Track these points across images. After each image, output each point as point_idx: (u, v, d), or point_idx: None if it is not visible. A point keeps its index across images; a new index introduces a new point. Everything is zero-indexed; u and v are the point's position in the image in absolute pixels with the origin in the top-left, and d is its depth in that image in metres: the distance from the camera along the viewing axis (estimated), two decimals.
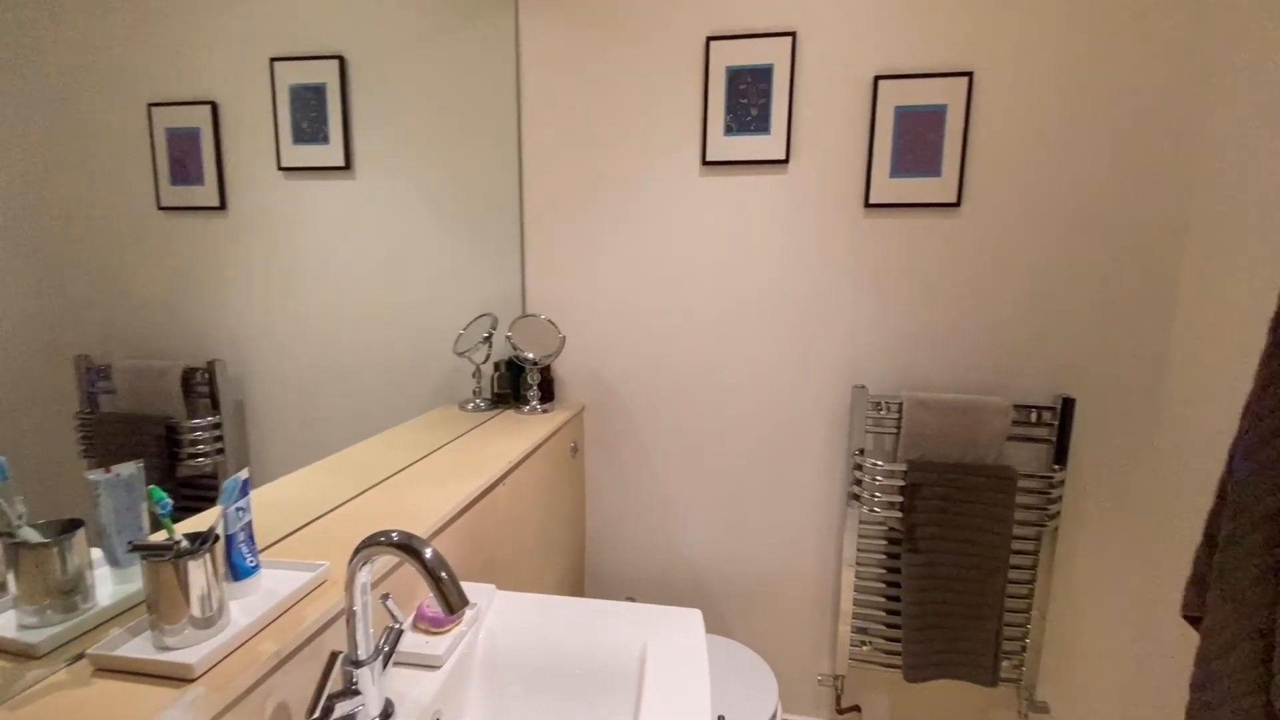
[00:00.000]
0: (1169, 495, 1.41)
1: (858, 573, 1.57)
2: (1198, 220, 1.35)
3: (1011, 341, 1.48)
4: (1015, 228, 1.44)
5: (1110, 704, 1.56)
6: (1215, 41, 1.30)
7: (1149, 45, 1.33)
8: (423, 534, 0.91)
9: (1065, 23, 1.35)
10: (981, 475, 1.41)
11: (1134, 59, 1.34)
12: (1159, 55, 1.33)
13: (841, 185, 1.49)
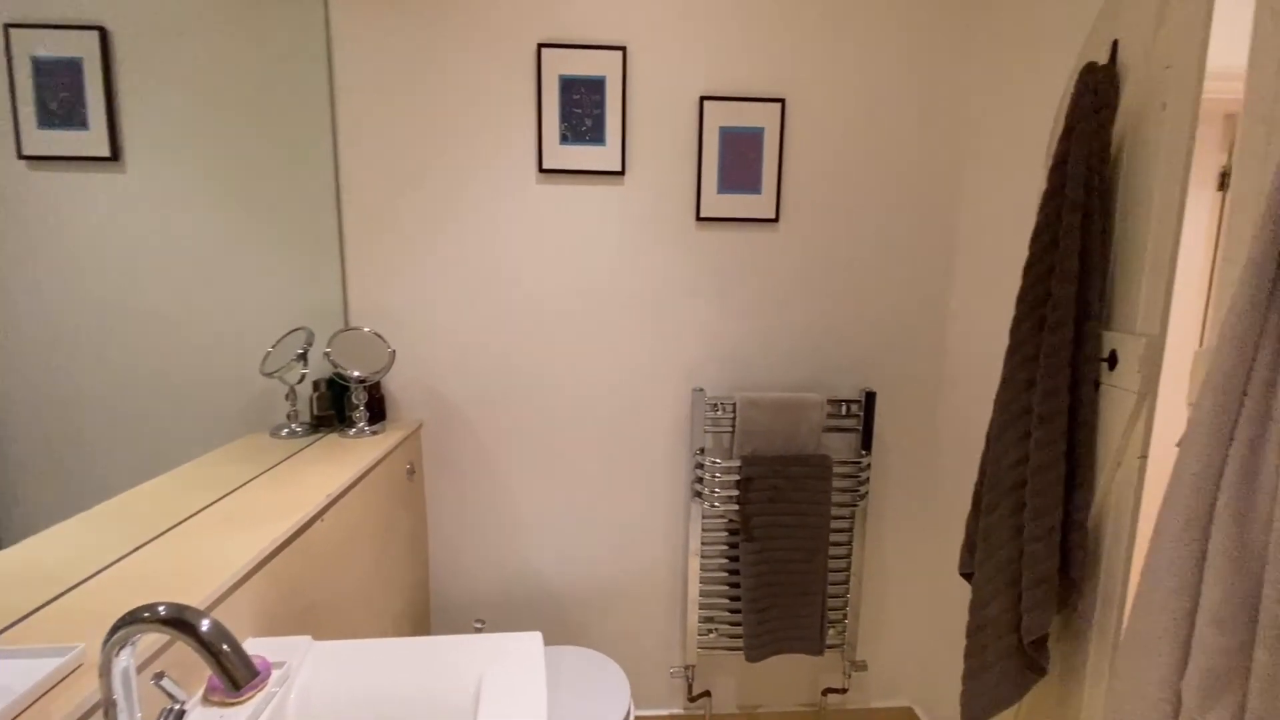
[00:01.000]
0: (950, 472, 1.66)
1: (703, 565, 1.66)
2: (961, 242, 1.60)
3: (824, 342, 1.64)
4: (824, 241, 1.60)
5: (914, 653, 1.81)
6: (971, 87, 1.55)
7: (924, 88, 1.55)
8: (215, 593, 0.79)
9: (860, 62, 1.53)
10: (804, 465, 1.55)
11: (914, 97, 1.55)
12: (933, 95, 1.55)
13: (675, 198, 1.55)
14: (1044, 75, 1.30)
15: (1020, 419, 1.14)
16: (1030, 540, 1.10)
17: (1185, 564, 0.83)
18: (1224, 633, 0.78)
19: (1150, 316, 1.00)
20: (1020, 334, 1.15)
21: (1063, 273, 1.06)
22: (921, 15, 1.52)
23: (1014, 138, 1.41)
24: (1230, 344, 0.80)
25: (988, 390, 1.48)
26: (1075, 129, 1.08)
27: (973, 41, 1.54)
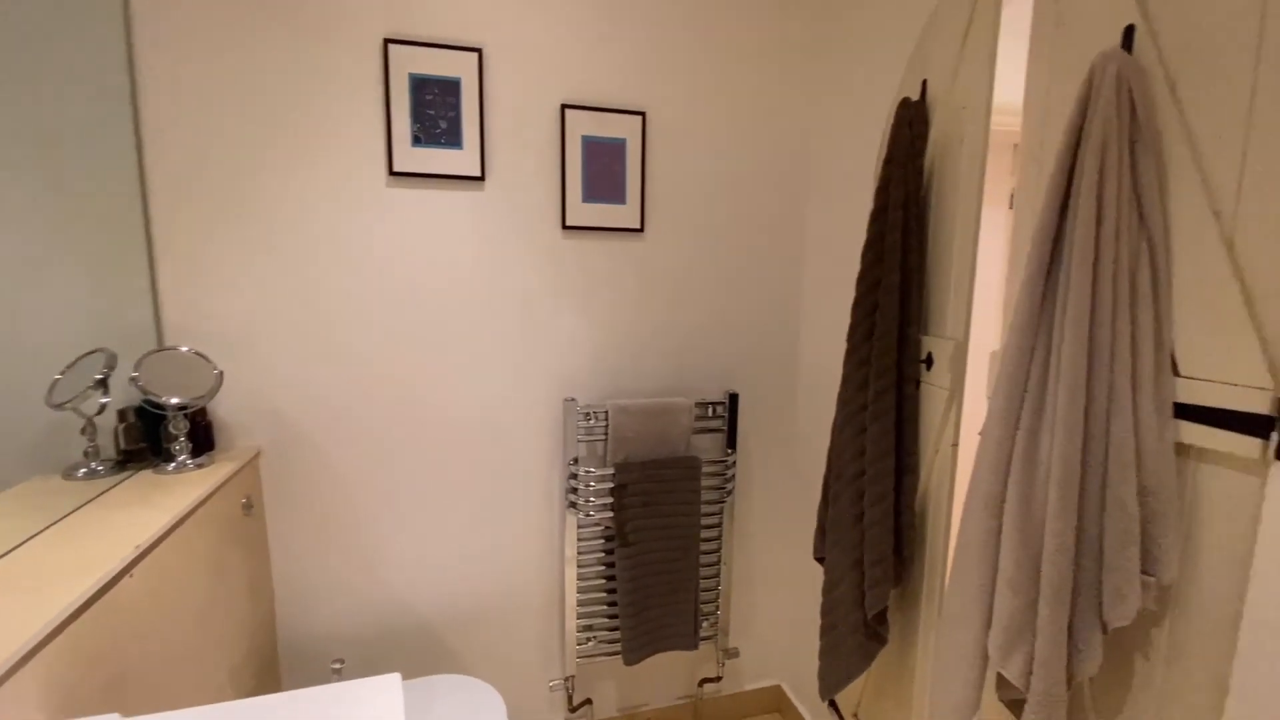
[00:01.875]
0: (805, 465, 1.80)
1: (580, 574, 1.65)
2: (809, 253, 1.74)
3: (692, 348, 1.71)
4: (687, 249, 1.66)
5: (781, 636, 1.94)
6: (816, 109, 1.69)
7: (775, 108, 1.66)
8: None
9: (716, 82, 1.61)
10: (675, 467, 1.60)
11: (766, 116, 1.66)
12: (783, 115, 1.67)
13: (539, 206, 1.53)
14: (877, 103, 1.45)
15: (858, 415, 1.26)
16: (870, 524, 1.22)
17: (986, 538, 0.96)
18: (1016, 594, 0.91)
19: (956, 323, 1.15)
20: (855, 339, 1.27)
21: (887, 285, 1.19)
22: (772, 42, 1.63)
23: (851, 159, 1.55)
24: (1014, 347, 0.94)
25: (835, 390, 1.62)
26: (895, 156, 1.21)
27: (818, 71, 1.68)
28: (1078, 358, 0.86)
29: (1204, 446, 0.82)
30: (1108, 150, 0.84)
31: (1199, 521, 0.84)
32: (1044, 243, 0.91)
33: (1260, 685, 0.77)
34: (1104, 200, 0.85)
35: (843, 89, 1.58)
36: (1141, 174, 0.85)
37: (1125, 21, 0.90)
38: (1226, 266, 0.80)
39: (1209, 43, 0.82)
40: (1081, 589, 0.87)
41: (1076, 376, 0.86)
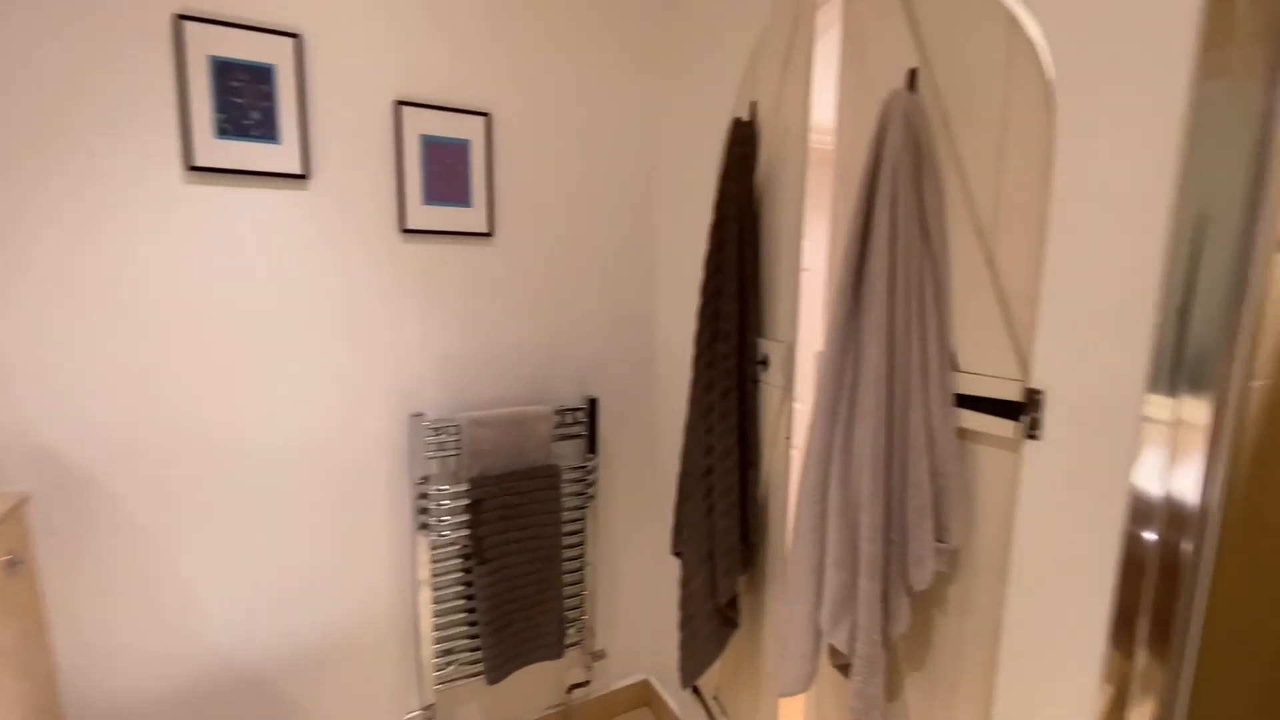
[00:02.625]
0: (664, 465, 1.86)
1: (435, 597, 1.57)
2: (661, 258, 1.80)
3: (548, 354, 1.69)
4: (540, 254, 1.64)
5: (646, 632, 1.99)
6: (663, 116, 1.75)
7: (623, 112, 1.69)
8: None
9: (564, 84, 1.60)
10: (534, 477, 1.58)
11: (614, 121, 1.68)
12: (631, 121, 1.71)
13: (374, 208, 1.43)
14: (718, 118, 1.52)
15: (706, 415, 1.33)
16: (719, 517, 1.30)
17: (815, 521, 1.06)
18: (841, 570, 1.01)
19: (787, 327, 1.26)
20: (701, 343, 1.34)
21: (727, 293, 1.27)
22: (620, 52, 1.66)
23: (698, 169, 1.63)
24: (830, 350, 1.04)
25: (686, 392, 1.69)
26: (730, 172, 1.29)
27: (665, 82, 1.74)
28: (880, 359, 0.97)
29: (977, 430, 0.97)
30: (898, 178, 0.97)
31: (976, 493, 0.99)
32: (851, 257, 1.02)
33: (1024, 626, 0.94)
34: (896, 222, 0.97)
35: (688, 102, 1.65)
36: (926, 198, 0.99)
37: (910, 64, 1.03)
38: (988, 278, 0.95)
39: (971, 86, 0.97)
40: (892, 560, 1.00)
41: (879, 375, 0.97)
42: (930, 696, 1.07)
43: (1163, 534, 0.79)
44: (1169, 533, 0.79)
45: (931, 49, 1.01)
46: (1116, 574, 0.83)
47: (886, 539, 0.99)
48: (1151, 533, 0.80)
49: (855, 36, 1.12)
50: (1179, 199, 0.75)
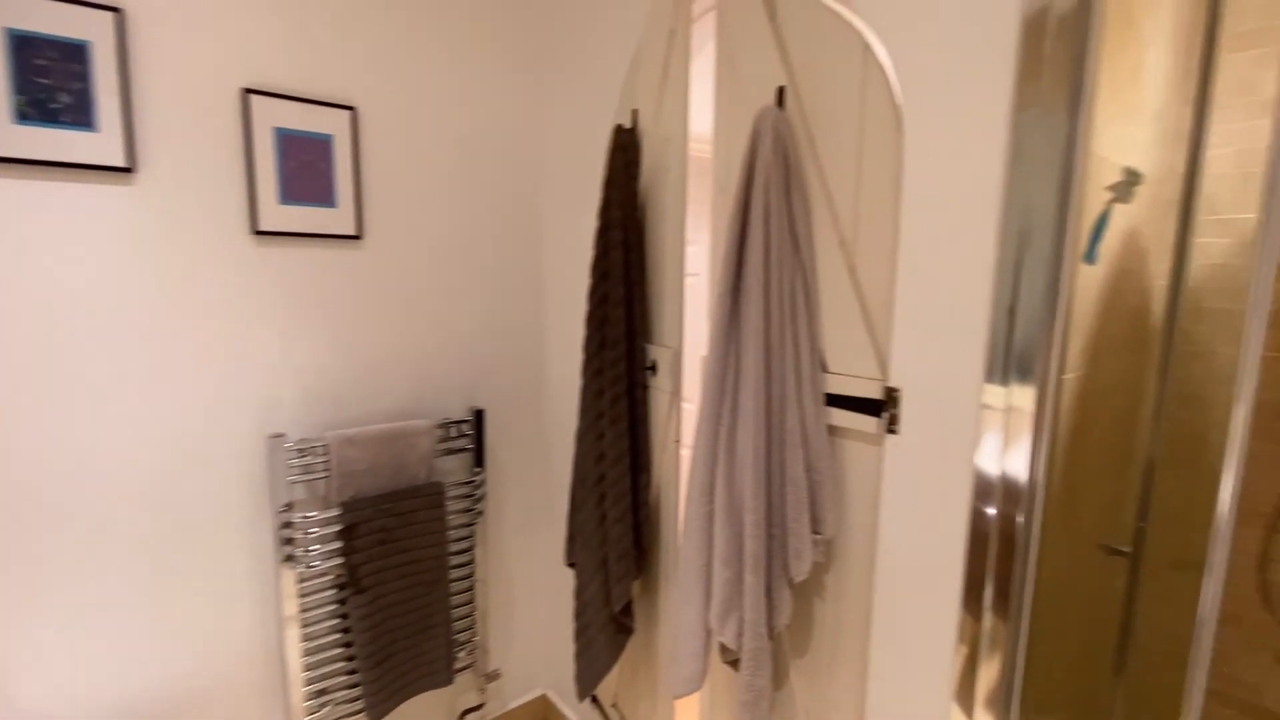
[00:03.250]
0: (557, 475, 1.83)
1: (306, 635, 1.43)
2: (548, 264, 1.77)
3: (429, 365, 1.60)
4: (416, 259, 1.55)
5: (543, 646, 1.94)
6: (548, 116, 1.72)
7: (506, 114, 1.64)
8: None
9: (441, 78, 1.53)
10: (415, 496, 1.49)
11: (497, 122, 1.63)
12: (514, 123, 1.66)
13: (220, 207, 1.28)
14: (603, 123, 1.52)
15: (596, 422, 1.32)
16: (611, 523, 1.29)
17: (703, 522, 1.08)
18: (728, 568, 1.04)
19: (672, 333, 1.28)
20: (590, 349, 1.33)
21: (614, 299, 1.27)
22: (500, 50, 1.61)
23: (584, 173, 1.61)
24: (713, 354, 1.07)
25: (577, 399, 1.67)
26: (613, 179, 1.30)
27: (548, 84, 1.71)
28: (758, 362, 1.01)
29: (846, 426, 1.04)
30: (770, 190, 1.02)
31: (846, 486, 1.06)
32: (730, 265, 1.06)
33: (891, 603, 1.01)
34: (770, 233, 1.02)
35: (572, 106, 1.63)
36: (794, 210, 1.05)
37: (779, 82, 1.09)
38: (850, 286, 1.02)
39: (833, 106, 1.04)
40: (774, 555, 1.04)
41: (758, 378, 1.01)
42: (813, 680, 1.13)
43: (1001, 508, 0.89)
44: (1006, 506, 0.88)
45: (797, 69, 1.07)
46: (965, 547, 0.92)
47: (769, 534, 1.03)
48: (991, 508, 0.89)
49: (728, 53, 1.16)
50: (1004, 214, 0.85)
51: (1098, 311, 1.11)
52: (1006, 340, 0.86)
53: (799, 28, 1.07)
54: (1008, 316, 0.85)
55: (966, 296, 0.89)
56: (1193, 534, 0.94)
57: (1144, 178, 1.05)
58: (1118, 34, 0.99)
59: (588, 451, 1.34)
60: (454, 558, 1.64)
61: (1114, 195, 0.98)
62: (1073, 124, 0.80)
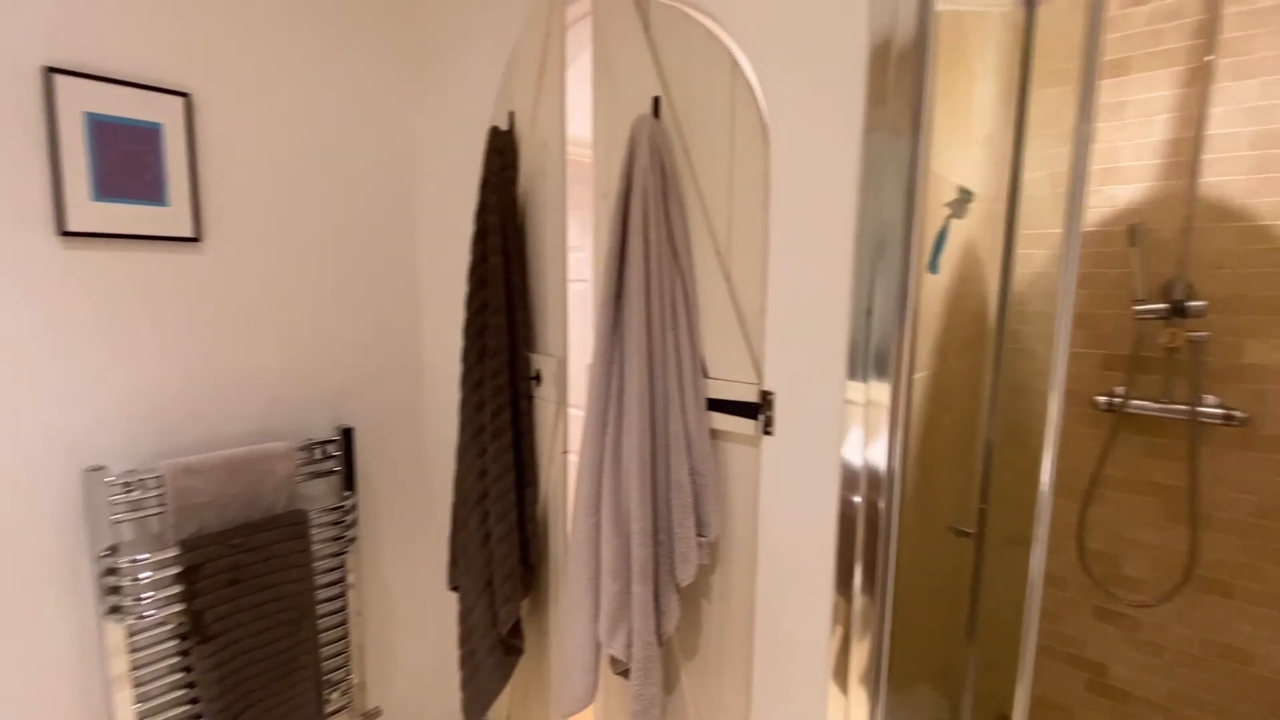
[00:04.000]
0: (438, 494, 1.73)
1: (140, 695, 1.23)
2: (424, 270, 1.67)
3: (288, 381, 1.45)
4: (271, 264, 1.40)
5: (429, 677, 1.83)
6: (420, 108, 1.62)
7: (371, 111, 1.53)
8: None
9: (296, 70, 1.39)
10: (273, 528, 1.34)
11: (363, 117, 1.51)
12: (382, 122, 1.55)
13: (15, 204, 1.08)
14: (479, 124, 1.45)
15: (478, 437, 1.26)
16: (496, 542, 1.24)
17: (590, 534, 1.06)
18: (616, 579, 1.03)
19: (557, 341, 1.26)
20: (469, 360, 1.27)
21: (494, 306, 1.22)
22: (365, 38, 1.50)
23: (462, 175, 1.54)
24: (598, 362, 1.06)
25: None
26: (490, 182, 1.25)
27: (421, 80, 1.61)
28: (641, 369, 1.02)
29: (727, 430, 1.07)
30: (648, 200, 1.02)
31: (728, 487, 1.09)
32: (611, 272, 1.05)
33: (773, 595, 1.05)
34: (649, 240, 1.02)
35: (446, 105, 1.56)
36: (672, 219, 1.06)
37: (655, 92, 1.10)
38: (726, 293, 1.05)
39: (705, 119, 1.06)
40: (660, 561, 1.04)
41: (642, 385, 1.01)
42: (703, 680, 1.15)
43: (865, 496, 0.94)
44: (870, 494, 0.94)
45: (671, 80, 1.09)
46: (836, 534, 0.97)
47: (655, 541, 1.03)
48: (857, 496, 0.95)
49: (605, 60, 1.16)
50: (859, 226, 0.91)
51: (943, 315, 1.23)
52: (865, 341, 0.92)
53: (672, 40, 1.09)
54: (865, 319, 0.91)
55: (829, 302, 0.94)
56: (1023, 511, 1.05)
57: (975, 196, 1.18)
58: (951, 67, 1.10)
59: (469, 468, 1.27)
60: (323, 591, 1.50)
61: (951, 211, 1.08)
62: (915, 146, 0.87)
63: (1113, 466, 1.59)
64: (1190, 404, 1.43)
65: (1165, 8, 1.45)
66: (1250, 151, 1.38)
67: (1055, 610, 1.73)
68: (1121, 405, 1.52)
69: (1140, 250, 1.47)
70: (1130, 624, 1.61)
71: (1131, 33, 1.50)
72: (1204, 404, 1.43)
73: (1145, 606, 1.57)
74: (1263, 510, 1.41)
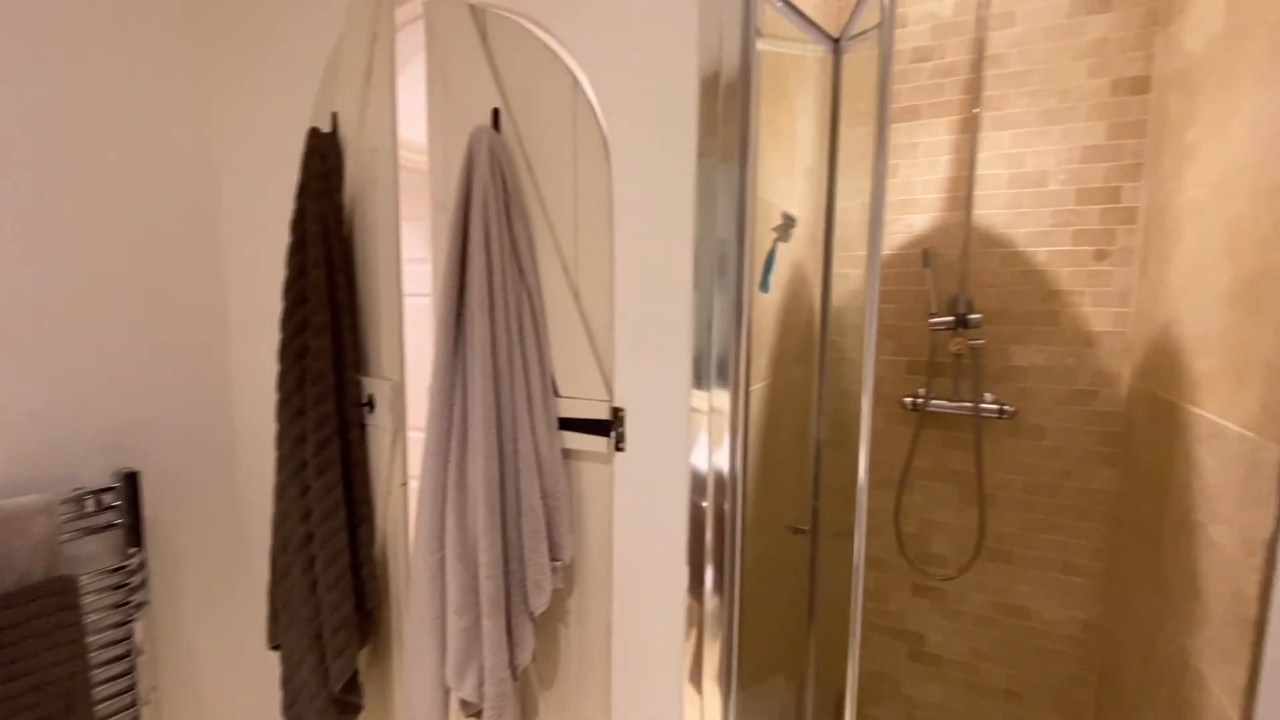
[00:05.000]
0: (254, 541, 1.51)
1: None
2: (233, 289, 1.47)
3: (50, 419, 1.19)
4: (18, 285, 1.14)
5: None
6: (223, 115, 1.42)
7: (165, 102, 1.31)
8: None
9: (46, 53, 1.15)
10: (28, 601, 1.08)
11: (141, 106, 1.29)
12: (171, 115, 1.33)
13: None
14: (297, 123, 1.30)
15: (299, 474, 1.12)
16: (325, 590, 1.10)
17: (434, 570, 0.99)
18: (463, 616, 0.97)
19: (392, 363, 1.16)
20: (287, 388, 1.13)
21: (315, 326, 1.10)
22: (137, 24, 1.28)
23: (278, 179, 1.37)
24: (438, 384, 0.99)
25: None
26: (309, 188, 1.13)
27: (223, 65, 1.41)
28: (486, 390, 0.97)
29: (579, 449, 1.05)
30: (489, 213, 0.98)
31: (582, 507, 1.07)
32: (451, 288, 0.99)
33: (630, 609, 1.05)
34: (491, 255, 0.98)
35: (257, 101, 1.38)
36: (517, 234, 1.03)
37: (494, 103, 1.07)
38: (575, 310, 1.04)
39: (547, 134, 1.05)
40: (512, 591, 1.00)
41: (487, 406, 0.97)
42: (562, 708, 1.11)
43: (713, 500, 0.98)
44: (716, 498, 0.98)
45: (512, 93, 1.07)
46: (687, 539, 0.99)
47: (506, 570, 0.98)
48: (705, 501, 0.98)
49: (440, 67, 1.10)
50: (696, 244, 0.95)
51: (776, 329, 1.33)
52: (707, 351, 0.95)
53: (511, 53, 1.06)
54: (707, 332, 0.95)
55: (674, 316, 0.97)
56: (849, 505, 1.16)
57: (799, 221, 1.29)
58: (774, 103, 1.20)
59: (291, 508, 1.13)
60: (104, 669, 1.24)
61: (778, 235, 1.17)
62: (743, 173, 0.93)
63: (920, 458, 1.82)
64: (974, 401, 1.68)
65: (943, 66, 1.71)
66: (1008, 190, 1.66)
67: (880, 590, 1.93)
68: (923, 405, 1.75)
69: (932, 271, 1.70)
70: (939, 595, 1.84)
71: (919, 84, 1.74)
72: (984, 401, 1.68)
73: (949, 579, 1.80)
74: (1030, 488, 1.70)
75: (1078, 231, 1.58)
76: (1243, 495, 0.93)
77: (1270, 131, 0.91)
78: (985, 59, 1.64)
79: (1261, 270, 0.92)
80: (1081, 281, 1.59)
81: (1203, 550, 1.05)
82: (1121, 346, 1.56)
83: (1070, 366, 1.62)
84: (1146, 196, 1.48)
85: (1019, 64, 1.62)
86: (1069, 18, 1.55)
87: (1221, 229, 1.06)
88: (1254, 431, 0.91)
